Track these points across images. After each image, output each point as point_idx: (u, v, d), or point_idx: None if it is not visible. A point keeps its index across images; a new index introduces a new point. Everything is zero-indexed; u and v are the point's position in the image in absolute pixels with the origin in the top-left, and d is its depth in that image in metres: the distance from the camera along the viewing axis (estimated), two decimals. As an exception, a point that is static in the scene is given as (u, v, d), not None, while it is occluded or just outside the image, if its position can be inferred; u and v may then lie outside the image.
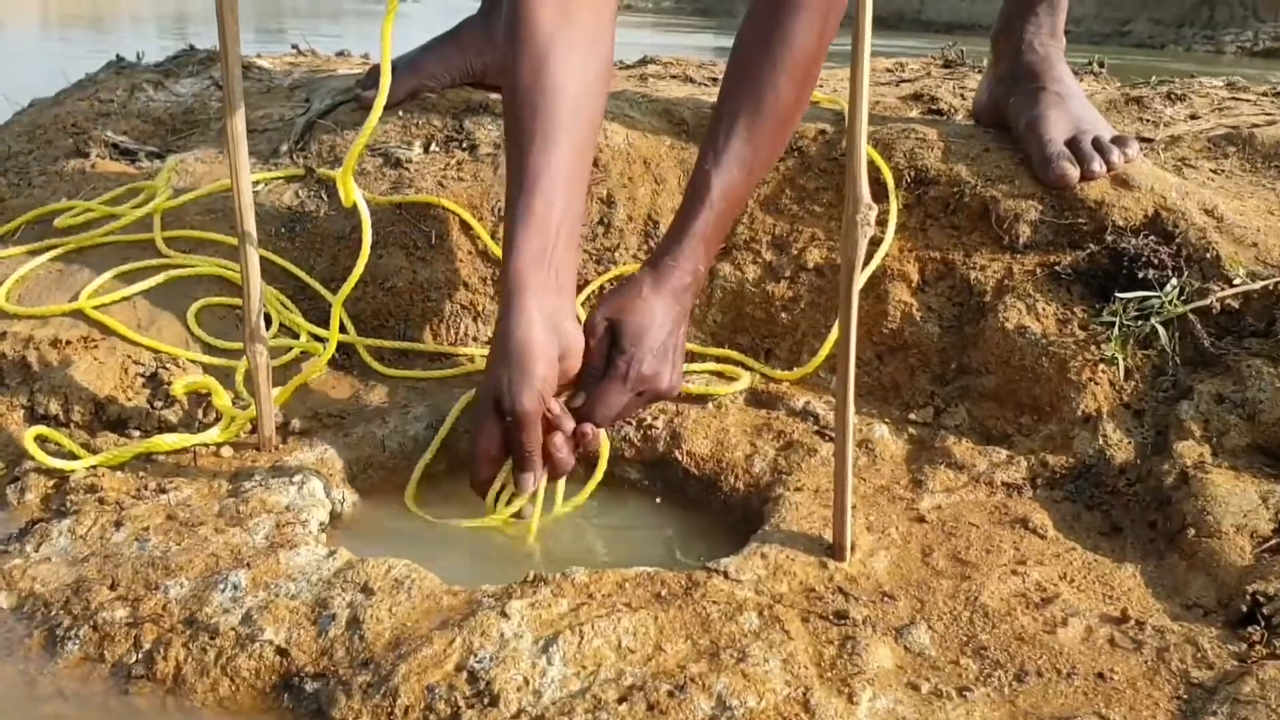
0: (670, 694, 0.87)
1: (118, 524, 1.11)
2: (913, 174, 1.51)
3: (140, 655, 0.94)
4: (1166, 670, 0.93)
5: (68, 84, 2.18)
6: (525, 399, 1.11)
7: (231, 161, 1.17)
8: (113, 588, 1.01)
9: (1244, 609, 0.99)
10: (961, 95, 1.83)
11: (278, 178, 1.70)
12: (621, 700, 0.87)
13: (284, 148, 1.74)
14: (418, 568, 1.03)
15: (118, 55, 2.18)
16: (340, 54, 2.53)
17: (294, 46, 2.42)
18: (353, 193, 1.16)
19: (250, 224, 1.20)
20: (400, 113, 1.74)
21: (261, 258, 1.55)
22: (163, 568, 1.03)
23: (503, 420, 1.13)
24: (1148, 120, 1.74)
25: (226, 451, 1.29)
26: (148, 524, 1.11)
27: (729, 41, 1.30)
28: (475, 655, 0.91)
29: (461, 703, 0.87)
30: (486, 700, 0.87)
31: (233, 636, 0.95)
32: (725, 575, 1.03)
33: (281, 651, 0.94)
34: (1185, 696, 0.90)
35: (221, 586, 1.00)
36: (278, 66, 2.26)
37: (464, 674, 0.89)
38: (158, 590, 1.00)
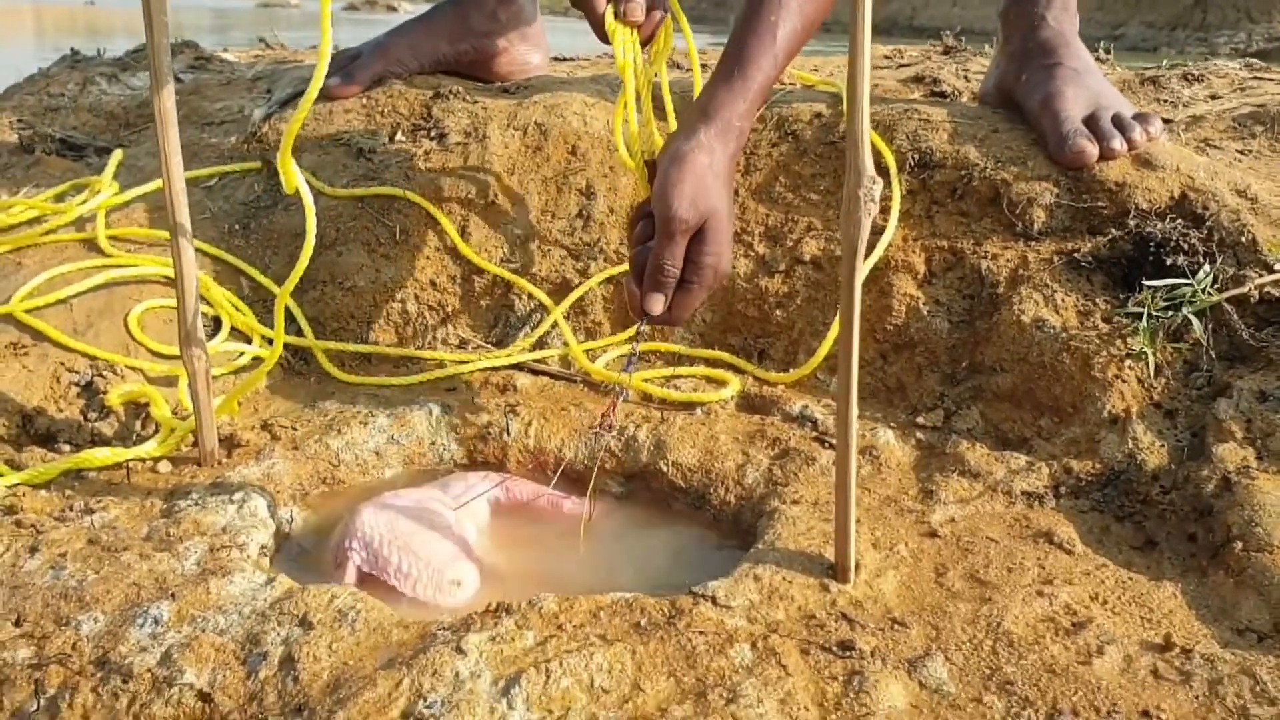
0: (649, 743, 0.75)
1: (33, 550, 0.99)
2: (916, 157, 1.39)
3: (43, 702, 0.82)
4: (1222, 707, 0.81)
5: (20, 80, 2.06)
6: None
7: (162, 145, 1.05)
8: (18, 624, 0.89)
9: (1304, 634, 0.87)
10: (965, 77, 1.72)
11: (233, 171, 1.58)
12: (593, 751, 0.75)
13: (240, 139, 1.63)
14: (365, 597, 0.91)
15: (72, 49, 2.06)
16: (313, 48, 2.41)
17: (261, 40, 2.30)
18: (294, 177, 1.04)
19: (183, 216, 1.08)
20: (365, 100, 1.62)
21: (212, 257, 1.44)
22: (76, 600, 0.91)
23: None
24: (1165, 101, 1.62)
25: (165, 467, 1.16)
26: (66, 549, 0.99)
27: (722, 38, 1.26)
28: (425, 699, 0.78)
29: (407, 756, 0.75)
30: (436, 753, 0.75)
31: (149, 680, 0.82)
32: (714, 601, 0.91)
33: (204, 696, 0.81)
34: (1245, 738, 0.78)
35: (140, 621, 0.88)
36: (242, 59, 2.15)
37: (411, 722, 0.77)
38: (68, 626, 0.88)
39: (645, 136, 1.26)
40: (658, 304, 1.12)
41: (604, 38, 1.28)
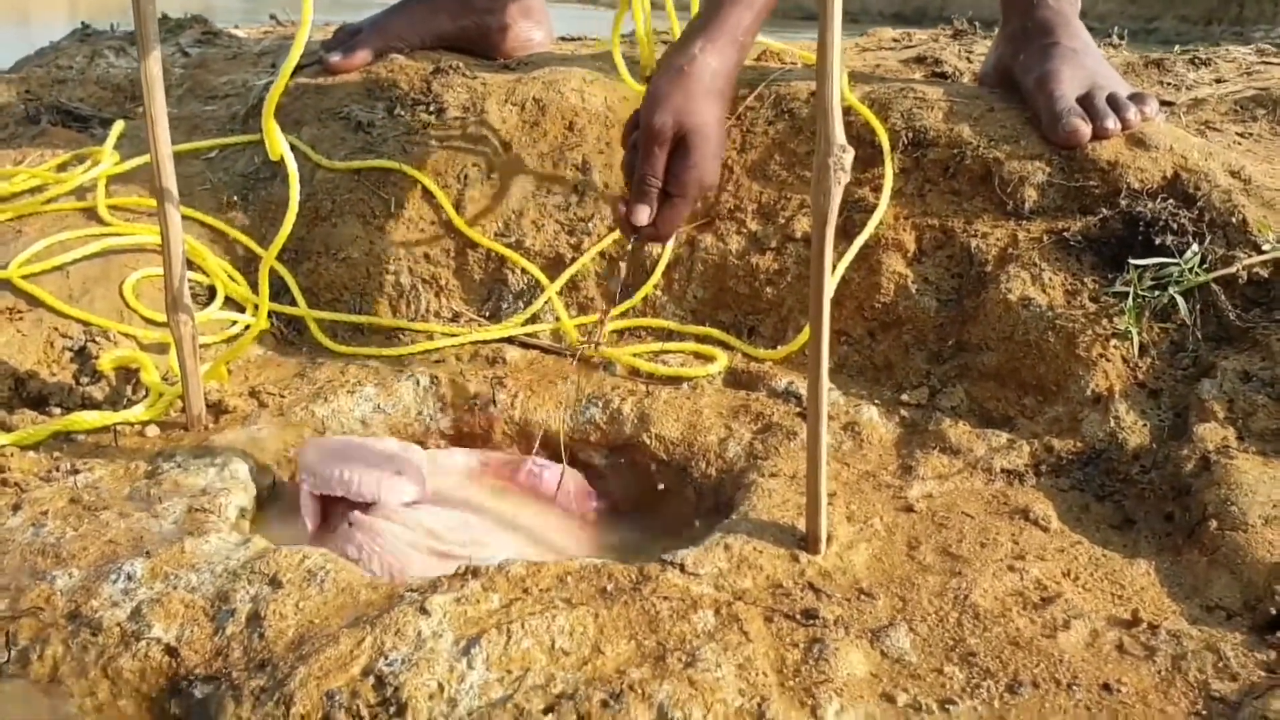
0: (604, 704, 0.75)
1: (16, 507, 1.01)
2: (910, 135, 1.38)
3: (14, 653, 0.84)
4: (1183, 682, 0.80)
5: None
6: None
7: (148, 110, 1.06)
8: (-5, 577, 0.90)
9: (1272, 612, 0.86)
10: (968, 59, 1.71)
11: (233, 143, 1.59)
12: (548, 710, 0.75)
13: (242, 111, 1.64)
14: (335, 558, 0.92)
15: (83, 23, 2.07)
16: (327, 24, 2.42)
17: (272, 16, 2.31)
18: (278, 143, 1.05)
19: (170, 181, 1.09)
20: (365, 74, 1.63)
21: (208, 226, 1.45)
22: (54, 556, 0.93)
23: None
24: (1169, 84, 1.61)
25: (152, 431, 1.18)
26: (48, 507, 1.00)
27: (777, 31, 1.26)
28: (386, 657, 0.79)
29: (365, 712, 0.76)
30: (393, 709, 0.76)
31: (118, 633, 0.84)
32: (682, 569, 0.91)
33: (170, 651, 0.83)
34: (1204, 712, 0.77)
35: (114, 577, 0.89)
36: (251, 35, 2.16)
37: (370, 678, 0.78)
38: (43, 580, 0.89)
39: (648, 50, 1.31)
40: (642, 214, 1.13)
41: None
